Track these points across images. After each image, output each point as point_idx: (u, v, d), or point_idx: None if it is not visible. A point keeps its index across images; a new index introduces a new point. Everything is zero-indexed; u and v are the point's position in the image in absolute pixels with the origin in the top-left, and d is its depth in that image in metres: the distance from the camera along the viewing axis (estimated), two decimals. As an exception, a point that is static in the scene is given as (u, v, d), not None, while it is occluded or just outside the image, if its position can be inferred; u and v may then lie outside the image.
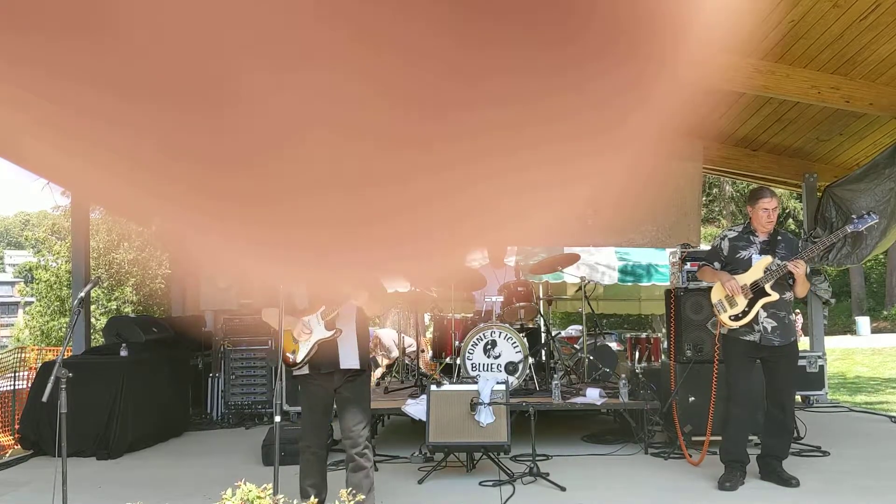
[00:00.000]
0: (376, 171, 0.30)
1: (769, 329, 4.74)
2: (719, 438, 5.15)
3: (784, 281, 4.77)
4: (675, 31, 0.27)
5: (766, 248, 4.86)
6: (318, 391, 3.90)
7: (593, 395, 6.05)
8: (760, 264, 4.79)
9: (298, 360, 3.83)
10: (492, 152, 0.30)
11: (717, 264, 4.98)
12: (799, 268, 4.63)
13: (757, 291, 4.75)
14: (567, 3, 0.25)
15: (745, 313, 4.76)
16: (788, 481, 4.68)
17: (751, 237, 4.92)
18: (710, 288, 5.08)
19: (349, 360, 3.88)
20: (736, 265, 4.88)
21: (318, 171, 0.30)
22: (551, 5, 0.25)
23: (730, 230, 5.18)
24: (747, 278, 4.78)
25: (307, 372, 3.87)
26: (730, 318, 4.80)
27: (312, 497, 3.02)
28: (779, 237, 4.91)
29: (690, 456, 5.47)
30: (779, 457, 4.83)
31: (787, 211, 28.86)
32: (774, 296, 4.72)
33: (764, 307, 4.73)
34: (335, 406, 3.98)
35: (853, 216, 4.99)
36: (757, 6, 5.36)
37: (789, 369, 4.89)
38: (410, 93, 0.27)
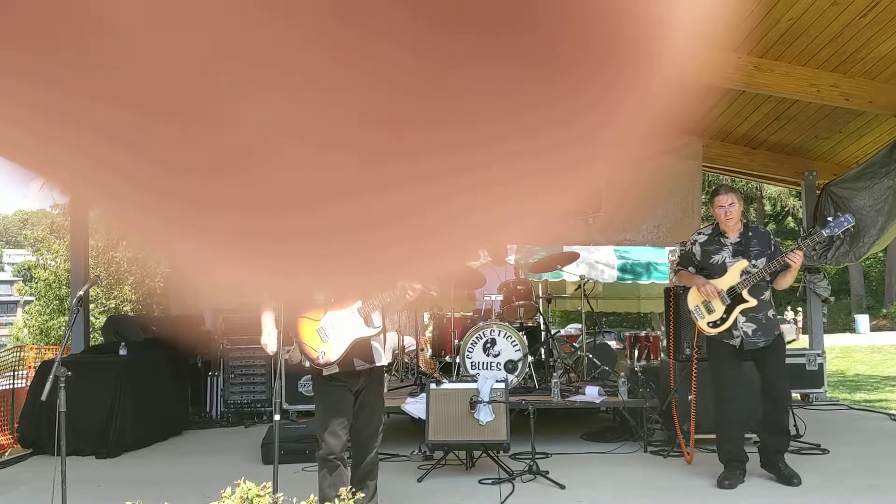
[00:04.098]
0: (373, 181, 0.30)
1: (750, 333, 4.64)
2: (708, 436, 5.17)
3: (762, 281, 4.65)
4: (665, 27, 0.26)
5: (740, 249, 4.71)
6: (342, 393, 3.57)
7: (592, 394, 6.06)
8: (736, 268, 4.65)
9: (332, 358, 3.49)
10: (490, 159, 0.30)
11: (691, 269, 4.86)
12: (797, 260, 4.52)
13: (734, 297, 4.63)
14: (546, 14, 0.25)
15: (723, 320, 4.66)
16: (790, 479, 4.59)
17: (721, 239, 4.76)
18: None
19: (380, 357, 3.67)
20: (711, 271, 4.74)
21: (313, 182, 0.30)
22: (529, 18, 0.25)
23: (699, 233, 4.97)
24: (723, 283, 4.66)
25: (336, 371, 3.56)
26: (708, 324, 4.71)
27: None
28: (750, 233, 4.76)
29: (689, 454, 5.47)
30: (779, 452, 4.74)
31: (785, 209, 28.89)
32: (752, 302, 4.60)
33: (742, 312, 4.63)
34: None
35: (829, 218, 4.86)
36: (756, 5, 5.36)
37: (777, 363, 4.76)
38: (400, 109, 0.27)
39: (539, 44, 0.25)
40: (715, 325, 4.69)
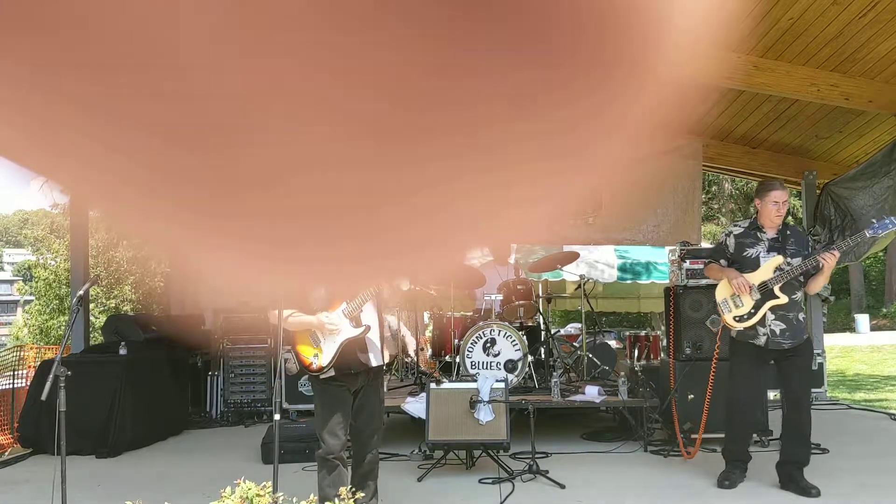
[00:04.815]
0: (376, 185, 0.30)
1: (777, 332, 4.50)
2: (713, 435, 5.14)
3: (794, 280, 4.51)
4: (665, 27, 0.26)
5: (776, 246, 4.57)
6: (341, 393, 3.59)
7: (592, 393, 6.06)
8: (770, 264, 4.53)
9: (325, 363, 3.53)
10: (490, 159, 0.30)
11: (723, 261, 4.72)
12: (830, 260, 4.36)
13: (765, 293, 4.50)
14: (546, 22, 0.25)
15: (750, 315, 4.51)
16: (808, 490, 4.41)
17: (758, 233, 4.63)
18: (711, 286, 4.97)
19: (377, 357, 3.67)
20: (743, 264, 4.60)
21: (314, 182, 0.30)
22: (529, 19, 0.25)
23: (735, 225, 4.86)
24: (755, 278, 4.52)
25: (333, 374, 3.56)
26: (734, 318, 4.57)
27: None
28: (788, 231, 4.63)
29: (688, 454, 5.47)
30: (799, 462, 4.56)
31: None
32: (784, 298, 4.46)
33: (772, 309, 4.49)
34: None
35: (873, 220, 4.67)
36: (756, 4, 5.36)
37: (804, 370, 4.63)
38: (405, 92, 0.27)
39: (540, 44, 0.25)
40: (741, 319, 4.54)
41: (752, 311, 4.53)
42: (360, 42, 0.25)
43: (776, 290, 4.49)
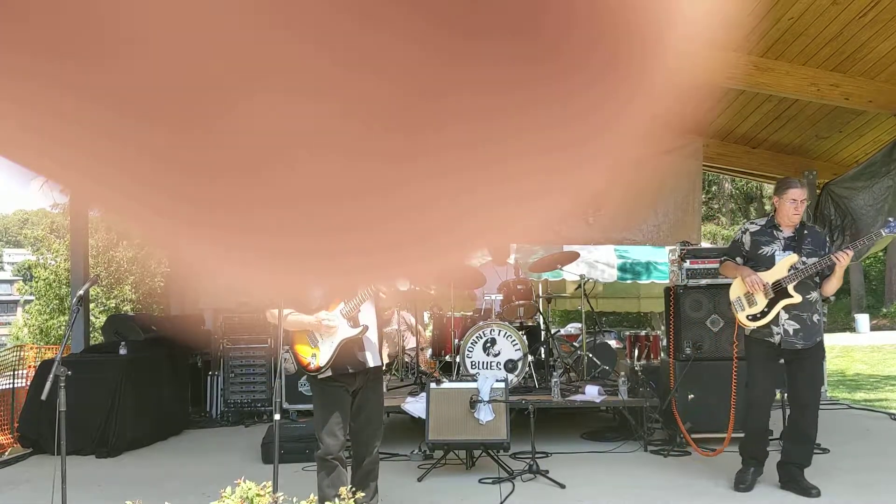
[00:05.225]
0: (376, 181, 0.30)
1: (791, 332, 4.45)
2: (712, 435, 5.13)
3: (810, 280, 4.47)
4: (666, 28, 0.26)
5: (791, 245, 4.52)
6: (339, 393, 3.59)
7: (592, 393, 6.06)
8: (785, 263, 4.47)
9: (322, 363, 3.53)
10: (490, 158, 0.30)
11: (739, 259, 4.66)
12: (843, 259, 4.31)
13: (779, 291, 4.45)
14: (547, 16, 0.25)
15: (763, 314, 4.47)
16: (808, 491, 4.41)
17: (774, 231, 4.57)
18: (711, 286, 4.94)
19: (375, 357, 3.67)
20: (758, 262, 4.55)
21: (315, 182, 0.30)
22: (530, 20, 0.25)
23: (752, 223, 4.80)
24: (769, 276, 4.47)
25: (330, 374, 3.57)
26: (747, 317, 4.52)
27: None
28: (805, 231, 4.57)
29: (696, 452, 5.47)
30: (800, 464, 4.55)
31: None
32: (797, 298, 4.41)
33: (785, 308, 4.44)
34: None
35: (889, 219, 4.61)
36: (756, 4, 5.36)
37: (813, 372, 4.59)
38: (401, 112, 0.27)
39: (543, 45, 0.25)
40: (754, 318, 4.50)
41: (766, 309, 4.49)
42: (360, 25, 0.25)
43: (790, 288, 4.44)
